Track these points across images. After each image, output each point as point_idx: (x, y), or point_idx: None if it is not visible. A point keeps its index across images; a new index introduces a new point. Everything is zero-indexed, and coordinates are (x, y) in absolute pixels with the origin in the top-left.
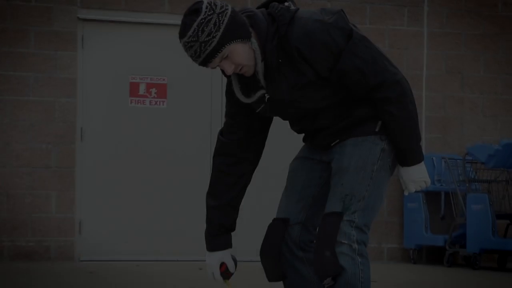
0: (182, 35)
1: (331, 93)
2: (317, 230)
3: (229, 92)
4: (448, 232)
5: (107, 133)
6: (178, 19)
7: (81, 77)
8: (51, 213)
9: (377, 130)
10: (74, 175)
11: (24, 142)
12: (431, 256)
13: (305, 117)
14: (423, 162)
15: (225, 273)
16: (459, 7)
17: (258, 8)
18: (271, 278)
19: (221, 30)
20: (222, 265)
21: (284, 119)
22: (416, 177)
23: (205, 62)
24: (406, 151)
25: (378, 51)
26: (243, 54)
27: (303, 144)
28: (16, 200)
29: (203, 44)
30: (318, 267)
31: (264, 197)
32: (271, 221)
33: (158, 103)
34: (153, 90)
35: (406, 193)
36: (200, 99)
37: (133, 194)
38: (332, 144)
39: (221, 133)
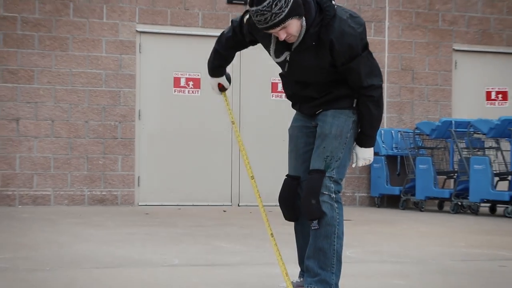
0: (257, 3)
1: (328, 75)
2: (305, 182)
3: (251, 32)
4: (402, 185)
5: (157, 114)
6: (208, 32)
7: (138, 73)
8: (118, 171)
9: (353, 106)
10: (134, 144)
11: (98, 120)
12: (390, 202)
13: (300, 83)
14: (373, 147)
15: (222, 88)
16: (410, 22)
17: None
18: (287, 218)
19: (289, 7)
20: (219, 84)
21: (288, 76)
22: (367, 155)
23: (269, 28)
24: (368, 137)
25: (375, 63)
26: (296, 28)
27: (295, 113)
28: (93, 161)
29: (274, 15)
30: (306, 211)
31: (273, 156)
32: (278, 172)
33: (194, 92)
34: (191, 83)
35: (353, 166)
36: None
37: (175, 158)
38: (316, 113)
39: (234, 29)
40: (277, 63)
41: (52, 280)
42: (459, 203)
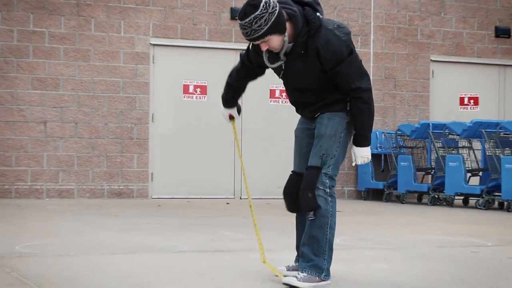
0: (241, 18)
1: (321, 81)
2: (303, 177)
3: (256, 51)
4: (385, 180)
5: (168, 117)
6: (214, 44)
7: (152, 81)
8: (133, 168)
9: (346, 109)
10: (148, 144)
11: (116, 122)
12: (375, 195)
13: (299, 91)
14: (369, 146)
15: (232, 119)
16: (392, 36)
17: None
18: (290, 210)
19: (268, 25)
20: (230, 115)
21: (287, 83)
22: (364, 154)
23: (251, 41)
24: (362, 137)
25: (362, 68)
26: (277, 42)
27: (299, 116)
28: (112, 159)
29: (253, 31)
30: (304, 204)
31: (272, 155)
32: (276, 169)
33: (201, 98)
34: (198, 90)
35: (353, 164)
36: None
37: (185, 156)
38: (315, 116)
39: (242, 60)
40: (272, 68)
41: (76, 264)
42: (436, 196)
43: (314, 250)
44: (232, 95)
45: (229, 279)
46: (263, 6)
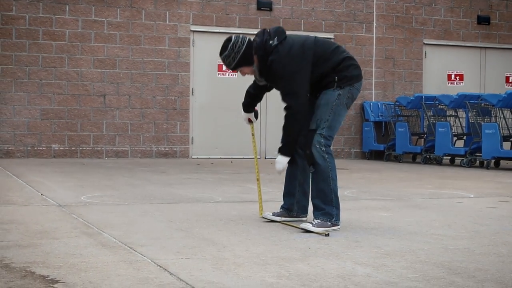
0: (220, 53)
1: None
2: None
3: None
4: (386, 143)
5: (206, 91)
6: (243, 30)
7: (191, 61)
8: (177, 133)
9: (334, 87)
10: (188, 113)
11: (162, 95)
12: (376, 155)
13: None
14: (285, 158)
15: (250, 122)
16: (392, 23)
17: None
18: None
19: (235, 61)
20: (249, 118)
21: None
22: (277, 160)
23: (230, 70)
24: (281, 144)
25: (296, 89)
26: (248, 70)
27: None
28: (159, 126)
29: (227, 64)
30: (306, 160)
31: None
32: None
33: (232, 75)
34: None
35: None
36: None
37: (219, 123)
38: (317, 96)
39: (249, 89)
40: (263, 83)
41: (130, 212)
42: (428, 156)
43: (323, 201)
44: (250, 102)
45: (256, 225)
46: (230, 47)
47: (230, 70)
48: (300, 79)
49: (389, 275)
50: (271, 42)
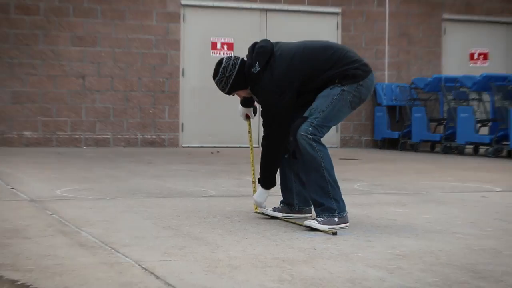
0: (212, 77)
1: (305, 93)
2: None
3: None
4: (400, 130)
5: (198, 72)
6: (240, 4)
7: (182, 39)
8: (165, 119)
9: (338, 82)
10: (178, 97)
11: (149, 76)
12: (390, 144)
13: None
14: (265, 190)
15: (247, 118)
16: None
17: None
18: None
19: (228, 86)
20: (246, 114)
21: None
22: (256, 195)
23: (226, 94)
24: (260, 177)
25: (276, 115)
26: (243, 93)
27: None
28: (145, 111)
29: (221, 89)
30: (290, 145)
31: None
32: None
33: (228, 54)
34: (225, 46)
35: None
36: None
37: (212, 108)
38: None
39: None
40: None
41: (111, 207)
42: (448, 145)
43: (319, 194)
44: (249, 97)
45: (255, 222)
46: (221, 72)
47: (225, 94)
48: (282, 106)
49: (405, 279)
50: (253, 69)
